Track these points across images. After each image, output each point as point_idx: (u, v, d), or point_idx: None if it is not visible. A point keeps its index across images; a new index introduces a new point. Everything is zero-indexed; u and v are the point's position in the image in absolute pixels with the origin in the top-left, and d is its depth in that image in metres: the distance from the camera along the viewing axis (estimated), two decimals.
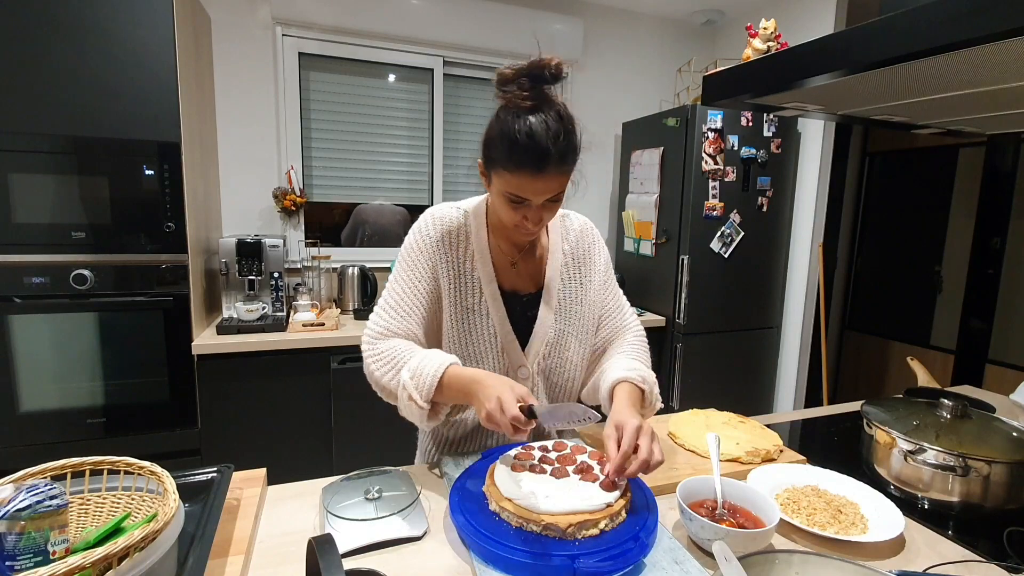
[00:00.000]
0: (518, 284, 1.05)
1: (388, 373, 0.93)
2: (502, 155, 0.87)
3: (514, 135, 0.85)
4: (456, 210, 1.04)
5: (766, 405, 2.91)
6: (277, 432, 2.10)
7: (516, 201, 0.89)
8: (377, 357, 0.95)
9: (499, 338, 1.02)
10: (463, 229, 1.03)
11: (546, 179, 0.86)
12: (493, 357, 1.02)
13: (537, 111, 0.86)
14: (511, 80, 0.87)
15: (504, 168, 0.87)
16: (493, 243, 1.04)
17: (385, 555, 0.77)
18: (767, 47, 1.06)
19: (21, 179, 1.75)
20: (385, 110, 2.73)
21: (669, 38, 3.21)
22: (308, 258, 2.56)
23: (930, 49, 0.70)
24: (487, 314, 1.01)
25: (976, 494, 0.90)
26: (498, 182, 0.90)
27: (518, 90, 0.86)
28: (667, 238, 2.64)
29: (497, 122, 0.88)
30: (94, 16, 1.75)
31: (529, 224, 0.92)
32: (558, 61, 0.86)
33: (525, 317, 1.04)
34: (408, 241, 1.03)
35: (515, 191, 0.88)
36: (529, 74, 0.86)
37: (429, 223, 1.02)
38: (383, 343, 0.96)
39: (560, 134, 0.85)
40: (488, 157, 0.91)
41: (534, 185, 0.87)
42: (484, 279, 1.02)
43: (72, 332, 1.86)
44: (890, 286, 3.69)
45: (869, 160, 3.81)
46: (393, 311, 0.99)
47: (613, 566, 0.69)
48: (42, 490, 0.63)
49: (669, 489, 0.93)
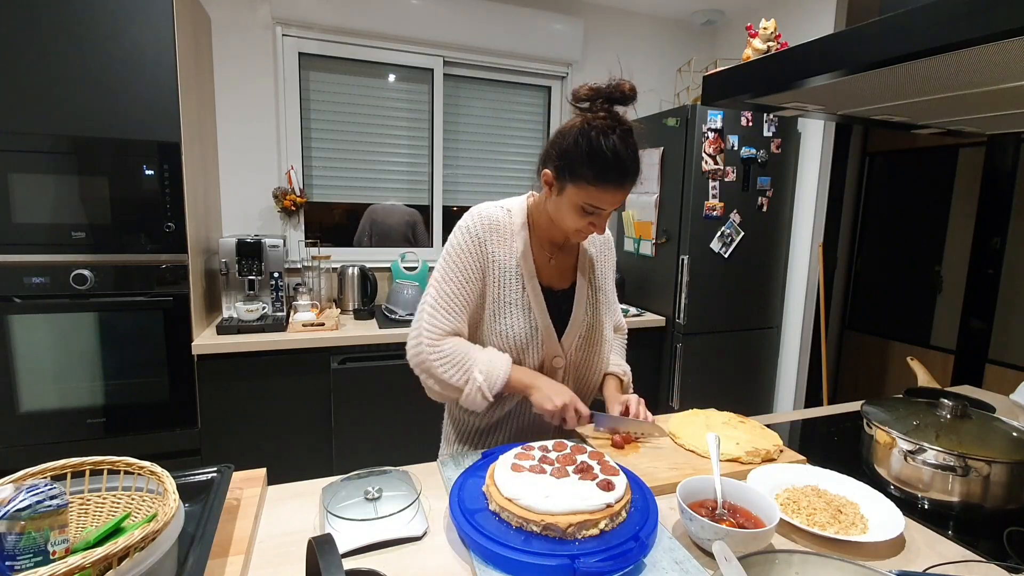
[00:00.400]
0: (553, 280, 1.14)
1: (456, 374, 1.02)
2: (589, 172, 0.95)
3: (603, 153, 0.94)
4: (499, 209, 1.11)
5: (766, 405, 2.91)
6: (277, 432, 2.10)
7: (590, 211, 0.99)
8: (443, 358, 1.03)
9: (540, 330, 1.10)
10: (508, 227, 1.10)
11: (623, 193, 0.98)
12: (534, 348, 1.10)
13: (615, 131, 0.95)
14: (586, 99, 0.98)
15: (588, 182, 0.96)
16: (533, 241, 1.12)
17: (385, 555, 0.77)
18: (767, 47, 1.06)
19: (21, 179, 1.75)
20: (385, 110, 2.73)
21: (669, 38, 3.21)
22: (308, 258, 2.56)
23: (930, 49, 0.70)
24: (529, 308, 1.09)
25: (976, 494, 0.90)
26: (577, 194, 0.98)
27: (596, 110, 0.97)
28: (667, 238, 2.64)
29: (583, 139, 0.95)
30: (94, 16, 1.75)
31: (596, 230, 1.03)
32: (632, 85, 0.96)
33: (560, 311, 1.13)
34: (455, 239, 1.08)
35: (595, 203, 0.98)
36: (607, 96, 0.96)
37: (476, 221, 1.08)
38: (444, 344, 1.04)
39: (636, 152, 0.97)
40: (567, 170, 0.98)
41: (613, 198, 0.98)
42: (527, 275, 1.09)
43: (72, 332, 1.86)
44: (890, 286, 3.69)
45: (869, 160, 3.81)
46: (446, 311, 1.05)
47: (613, 566, 0.69)
48: (42, 490, 0.63)
49: (669, 489, 0.93)
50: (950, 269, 3.33)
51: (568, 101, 1.01)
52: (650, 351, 2.67)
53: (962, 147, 3.26)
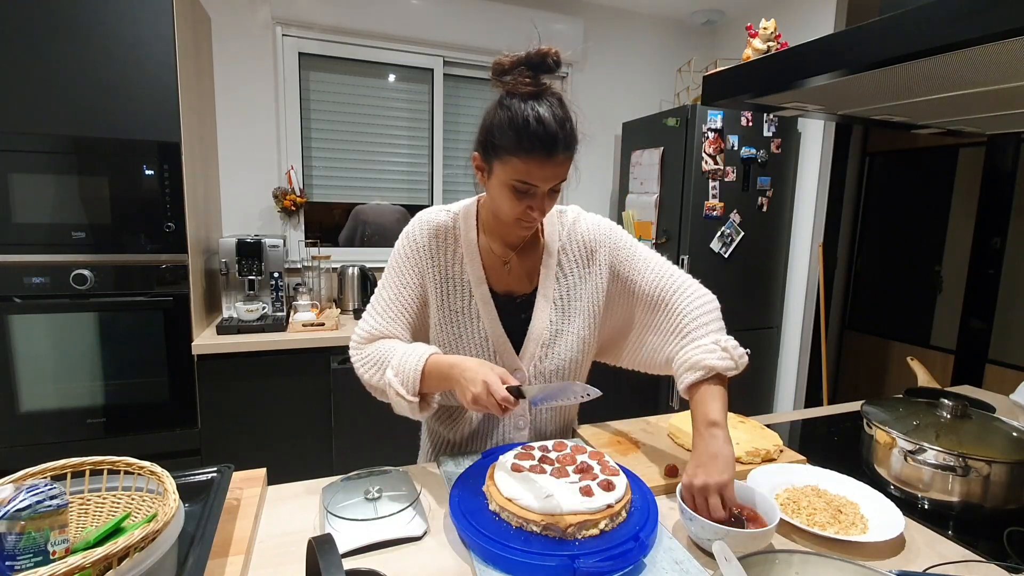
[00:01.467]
0: (512, 285, 1.04)
1: (376, 374, 0.94)
2: (510, 141, 0.85)
3: (523, 120, 0.84)
4: (445, 213, 1.03)
5: (766, 405, 2.91)
6: (277, 432, 2.10)
7: (522, 190, 0.88)
8: (364, 360, 0.97)
9: (491, 341, 1.01)
10: (452, 231, 1.02)
11: (554, 164, 0.86)
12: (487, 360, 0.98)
13: (540, 97, 0.86)
14: (509, 69, 0.88)
15: (513, 155, 0.86)
16: (484, 244, 1.03)
17: (385, 555, 0.77)
18: (767, 47, 1.06)
19: (21, 179, 1.75)
20: (385, 110, 2.73)
21: (669, 38, 3.21)
22: (308, 258, 2.56)
23: (930, 49, 0.70)
24: (477, 317, 1.01)
25: (976, 494, 0.90)
26: (504, 171, 0.88)
27: (519, 78, 0.87)
28: (667, 238, 2.63)
29: (502, 109, 0.87)
30: (94, 16, 1.75)
31: (534, 213, 0.91)
32: (557, 50, 0.86)
33: (519, 319, 1.03)
34: (397, 246, 1.03)
35: (524, 177, 0.87)
36: (529, 63, 0.87)
37: (416, 227, 1.02)
38: (369, 346, 0.98)
39: (565, 120, 0.87)
40: (491, 146, 0.89)
41: (543, 171, 0.86)
42: (474, 281, 1.01)
43: (72, 332, 1.86)
44: (890, 286, 3.69)
45: (869, 160, 3.81)
46: (379, 316, 1.00)
47: (613, 566, 0.69)
48: (42, 490, 0.63)
49: (669, 489, 0.93)
50: (950, 269, 3.33)
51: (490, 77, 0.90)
52: None
53: (962, 147, 3.26)
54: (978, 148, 3.15)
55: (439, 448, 1.13)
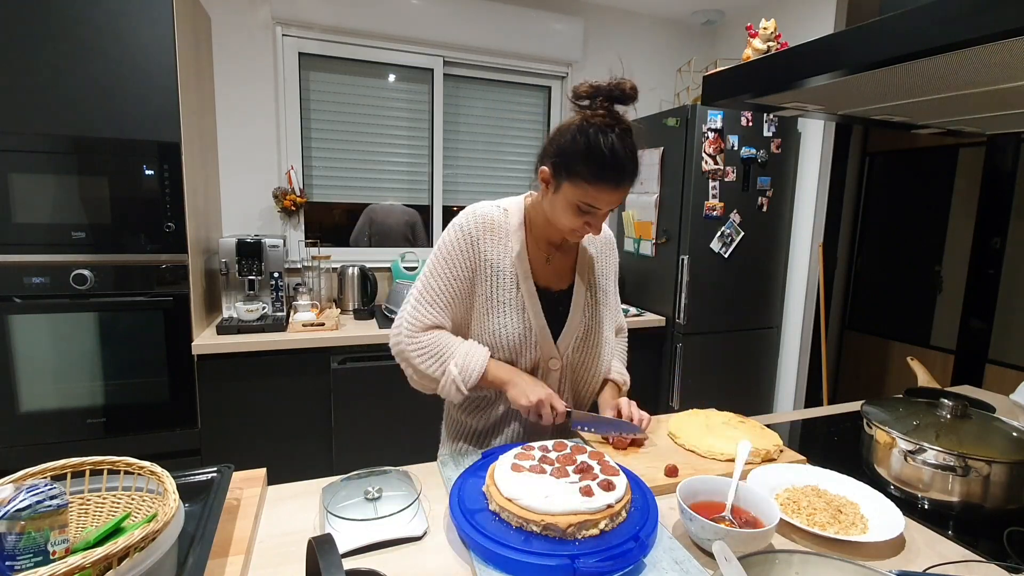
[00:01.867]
0: (551, 281, 1.13)
1: (433, 365, 1.03)
2: (585, 169, 0.94)
3: (601, 151, 0.92)
4: (496, 208, 1.10)
5: (766, 405, 2.91)
6: (277, 432, 2.10)
7: (585, 210, 0.97)
8: (421, 350, 1.04)
9: (534, 331, 1.08)
10: (503, 227, 1.08)
11: (621, 192, 0.96)
12: (528, 349, 1.09)
13: (614, 129, 0.94)
14: (587, 96, 0.97)
15: (585, 180, 0.94)
16: (530, 241, 1.11)
17: (385, 555, 0.77)
18: (767, 47, 1.06)
19: (21, 179, 1.75)
20: (385, 110, 2.73)
21: (669, 38, 3.21)
22: (308, 258, 2.56)
23: (930, 49, 0.70)
24: (523, 308, 1.08)
25: (976, 494, 0.90)
26: (573, 192, 0.96)
27: (596, 108, 0.95)
28: (667, 238, 2.63)
29: (581, 135, 0.94)
30: (94, 16, 1.75)
31: (591, 230, 1.01)
32: (632, 84, 0.95)
33: (556, 312, 1.12)
34: (447, 236, 1.07)
35: (591, 201, 0.96)
36: (607, 94, 0.95)
37: (470, 220, 1.07)
38: (424, 336, 1.04)
39: (634, 152, 0.96)
40: (564, 168, 0.97)
41: (609, 197, 0.96)
42: (521, 275, 1.08)
43: (72, 332, 1.86)
44: (890, 286, 3.68)
45: (869, 160, 3.80)
46: (429, 305, 1.05)
47: (613, 566, 0.69)
48: (42, 490, 0.63)
49: (669, 489, 0.93)
50: (950, 269, 3.33)
51: (568, 98, 1.00)
52: (650, 351, 2.67)
53: (962, 147, 3.26)
54: (978, 148, 3.15)
55: (462, 436, 1.19)
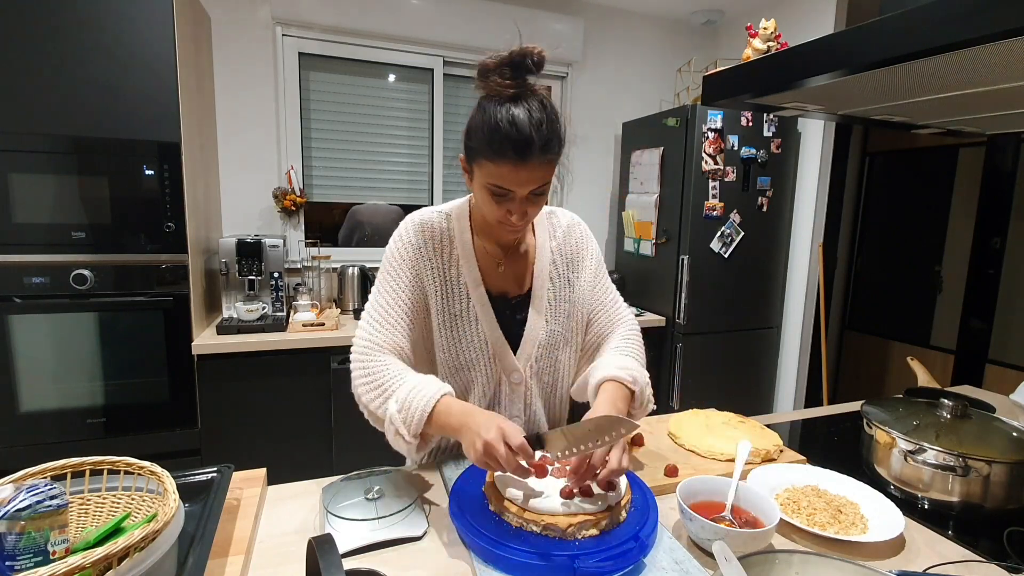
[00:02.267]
0: (506, 286, 1.02)
1: (376, 399, 0.90)
2: (484, 144, 0.84)
3: (496, 123, 0.82)
4: (437, 214, 1.01)
5: (766, 405, 2.91)
6: (277, 432, 2.10)
7: (499, 194, 0.86)
8: (366, 379, 0.92)
9: (490, 344, 0.99)
10: (446, 233, 0.99)
11: (529, 169, 0.84)
12: (485, 363, 1.00)
13: (519, 100, 0.84)
14: (492, 69, 0.86)
15: (486, 158, 0.84)
16: (478, 245, 1.01)
17: (385, 555, 0.77)
18: (767, 47, 1.06)
19: (21, 179, 1.75)
20: (385, 110, 2.73)
21: (669, 38, 3.21)
22: (308, 258, 2.56)
23: (930, 49, 0.70)
24: (476, 320, 0.98)
25: (976, 494, 0.90)
26: (480, 174, 0.87)
27: (500, 79, 0.85)
28: (667, 238, 2.63)
29: (479, 112, 0.86)
30: (94, 16, 1.75)
31: (514, 218, 0.88)
32: (540, 50, 0.84)
33: (515, 320, 1.02)
34: (389, 249, 0.99)
35: (498, 182, 0.85)
36: (511, 63, 0.84)
37: (410, 229, 0.98)
38: (371, 360, 0.93)
39: (543, 123, 0.83)
40: (469, 148, 0.88)
41: (517, 175, 0.84)
42: (471, 283, 0.98)
43: (72, 332, 1.85)
44: (890, 286, 3.68)
45: (869, 160, 3.80)
46: (379, 324, 0.95)
47: (613, 566, 0.69)
48: (42, 490, 0.63)
49: (669, 489, 0.93)
50: (950, 269, 3.33)
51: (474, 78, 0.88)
52: (650, 351, 2.64)
53: (962, 147, 3.26)
54: (978, 148, 3.15)
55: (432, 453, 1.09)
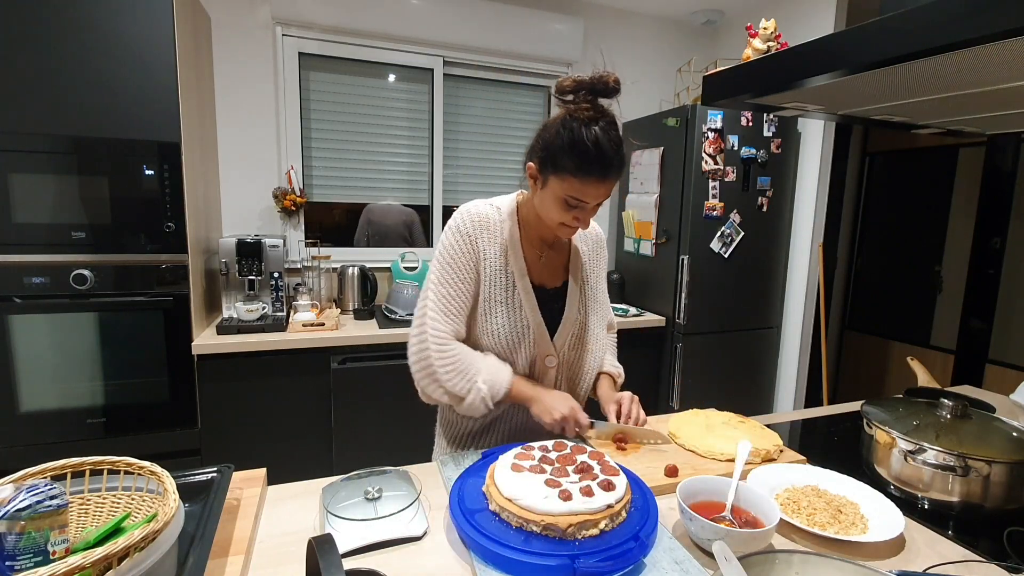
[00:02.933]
0: (545, 278, 1.13)
1: (460, 382, 1.02)
2: (570, 163, 0.94)
3: (584, 144, 0.92)
4: (490, 207, 1.10)
5: (766, 405, 2.91)
6: (277, 432, 2.10)
7: (573, 204, 0.97)
8: (449, 367, 1.02)
9: (532, 329, 1.08)
10: (498, 225, 1.08)
11: (607, 185, 0.96)
12: (526, 347, 1.09)
13: (598, 122, 0.94)
14: (571, 91, 0.97)
15: (570, 174, 0.94)
16: (523, 239, 1.10)
17: (385, 555, 0.77)
18: (767, 47, 1.06)
19: (21, 179, 1.75)
20: (385, 110, 2.73)
21: (669, 38, 3.21)
22: (308, 258, 2.56)
23: (930, 49, 0.70)
24: (520, 307, 1.08)
25: (976, 494, 0.90)
26: (559, 186, 0.97)
27: (580, 101, 0.96)
28: (667, 238, 2.63)
29: (564, 130, 0.95)
30: (94, 16, 1.75)
31: (580, 224, 1.01)
32: (616, 77, 0.95)
33: (551, 309, 1.12)
34: (448, 240, 1.07)
35: (578, 195, 0.96)
36: (591, 87, 0.96)
37: (466, 219, 1.07)
38: (449, 350, 1.03)
39: (620, 145, 0.95)
40: (550, 162, 0.97)
41: (596, 191, 0.96)
42: (517, 273, 1.08)
43: (72, 332, 1.86)
44: (890, 286, 3.68)
45: (869, 160, 3.80)
46: (444, 315, 1.04)
47: (613, 566, 0.69)
48: (42, 490, 0.63)
49: (669, 489, 0.93)
50: (950, 269, 3.33)
51: (552, 94, 0.99)
52: (650, 351, 2.67)
53: (962, 147, 3.26)
54: (978, 148, 3.15)
55: (455, 439, 1.20)
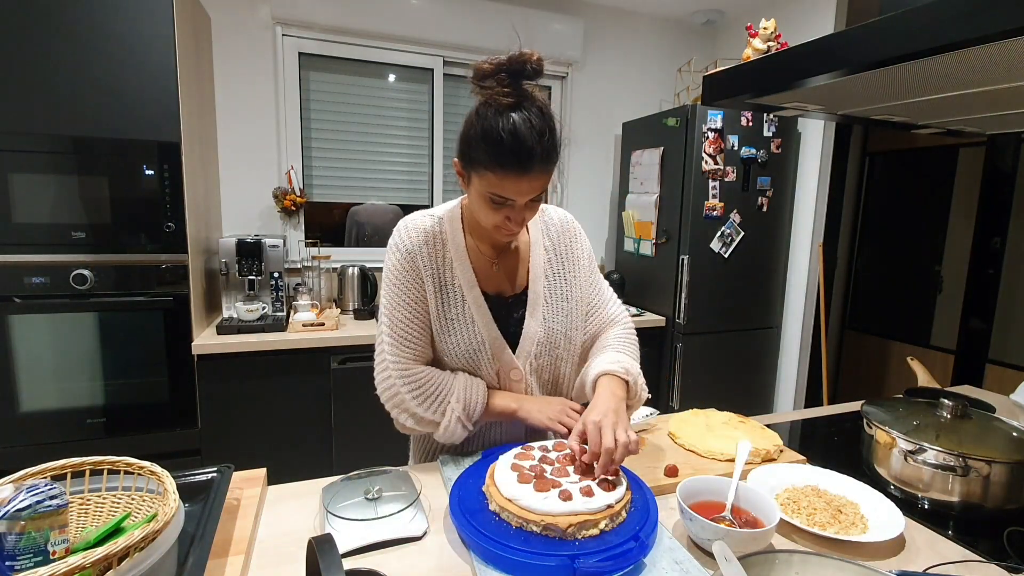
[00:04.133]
0: (502, 286, 1.03)
1: (432, 407, 0.96)
2: (484, 155, 0.83)
3: (498, 134, 0.81)
4: (429, 217, 1.01)
5: (766, 405, 2.91)
6: (277, 432, 2.10)
7: (499, 202, 0.86)
8: (418, 394, 0.96)
9: (487, 344, 0.99)
10: (439, 236, 0.99)
11: (531, 179, 0.84)
12: (486, 363, 1.00)
13: (519, 108, 0.83)
14: (490, 75, 0.83)
15: (487, 169, 0.84)
16: (471, 246, 1.01)
17: (385, 555, 0.77)
18: (767, 47, 1.06)
19: (21, 179, 1.75)
20: (385, 110, 2.73)
21: (669, 38, 3.21)
22: (308, 258, 2.56)
23: (930, 49, 0.70)
24: (472, 321, 0.99)
25: (976, 494, 0.90)
26: (480, 183, 0.87)
27: (498, 86, 0.83)
28: (667, 238, 2.63)
29: (478, 119, 0.85)
30: (94, 16, 1.75)
31: (512, 224, 0.89)
32: (539, 56, 0.82)
33: (513, 318, 1.02)
34: (389, 261, 0.99)
35: (499, 191, 0.85)
36: (509, 69, 0.82)
37: (403, 236, 0.98)
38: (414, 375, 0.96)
39: (544, 132, 0.82)
40: (468, 157, 0.87)
41: (518, 186, 0.84)
42: (465, 285, 0.99)
43: (72, 332, 1.85)
44: (890, 286, 3.68)
45: (869, 160, 3.80)
46: (403, 342, 0.97)
47: (613, 566, 0.69)
48: (42, 490, 0.63)
49: (669, 489, 0.93)
50: (950, 269, 3.33)
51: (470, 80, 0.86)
52: (650, 351, 2.67)
53: (962, 147, 3.26)
54: (978, 148, 3.15)
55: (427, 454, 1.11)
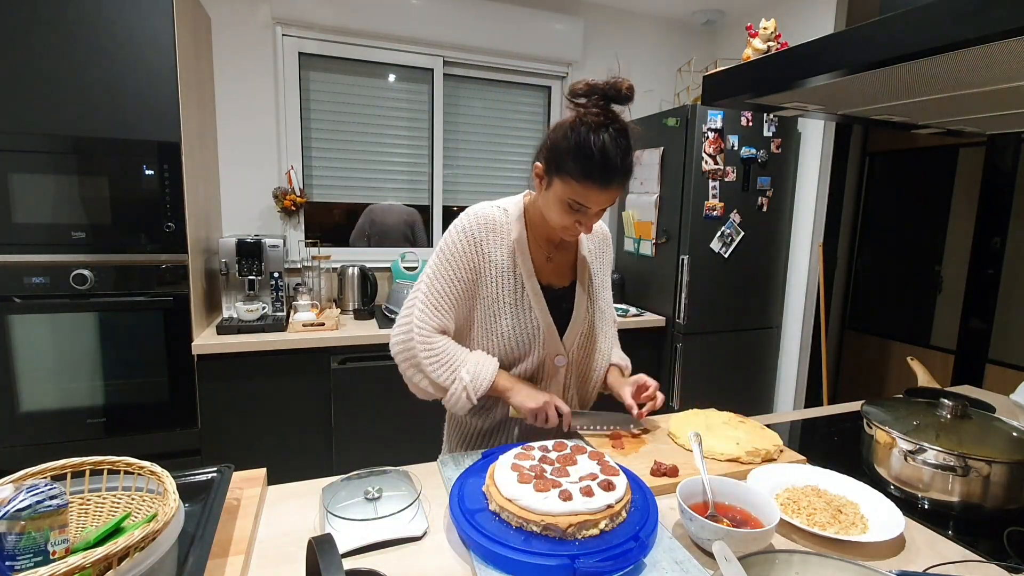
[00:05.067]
0: (552, 278, 1.14)
1: (444, 372, 1.04)
2: (573, 166, 0.94)
3: (589, 149, 0.92)
4: (497, 209, 1.10)
5: (766, 405, 2.91)
6: (277, 432, 2.10)
7: (576, 208, 0.97)
8: (433, 356, 1.04)
9: (541, 329, 1.10)
10: (505, 226, 1.09)
11: (610, 192, 0.96)
12: (536, 347, 1.10)
13: (607, 128, 0.93)
14: (583, 95, 0.96)
15: (572, 177, 0.94)
16: (531, 239, 1.11)
17: (385, 555, 0.77)
18: (767, 47, 1.06)
19: (21, 179, 1.75)
20: (385, 110, 2.73)
21: (669, 38, 3.21)
22: (308, 258, 2.56)
23: (930, 49, 0.70)
24: (530, 307, 1.09)
25: (976, 494, 0.90)
26: (562, 188, 0.97)
27: (592, 106, 0.95)
28: (667, 238, 2.63)
29: (572, 133, 0.94)
30: (94, 16, 1.75)
31: (582, 228, 1.01)
32: (630, 84, 0.94)
33: (560, 309, 1.13)
34: (449, 238, 1.08)
35: (579, 199, 0.96)
36: (604, 93, 0.95)
37: (472, 222, 1.07)
38: (434, 341, 1.05)
39: (628, 153, 0.95)
40: (554, 164, 0.97)
41: (598, 197, 0.96)
42: (525, 274, 1.09)
43: (72, 332, 1.85)
44: (890, 286, 3.68)
45: (869, 160, 3.80)
46: (435, 308, 1.06)
47: (613, 566, 0.69)
48: (42, 490, 0.63)
49: (669, 489, 0.93)
50: (950, 269, 3.33)
51: (565, 96, 0.99)
52: (650, 351, 2.67)
53: (962, 147, 3.26)
54: (978, 148, 3.15)
55: (465, 438, 1.21)
